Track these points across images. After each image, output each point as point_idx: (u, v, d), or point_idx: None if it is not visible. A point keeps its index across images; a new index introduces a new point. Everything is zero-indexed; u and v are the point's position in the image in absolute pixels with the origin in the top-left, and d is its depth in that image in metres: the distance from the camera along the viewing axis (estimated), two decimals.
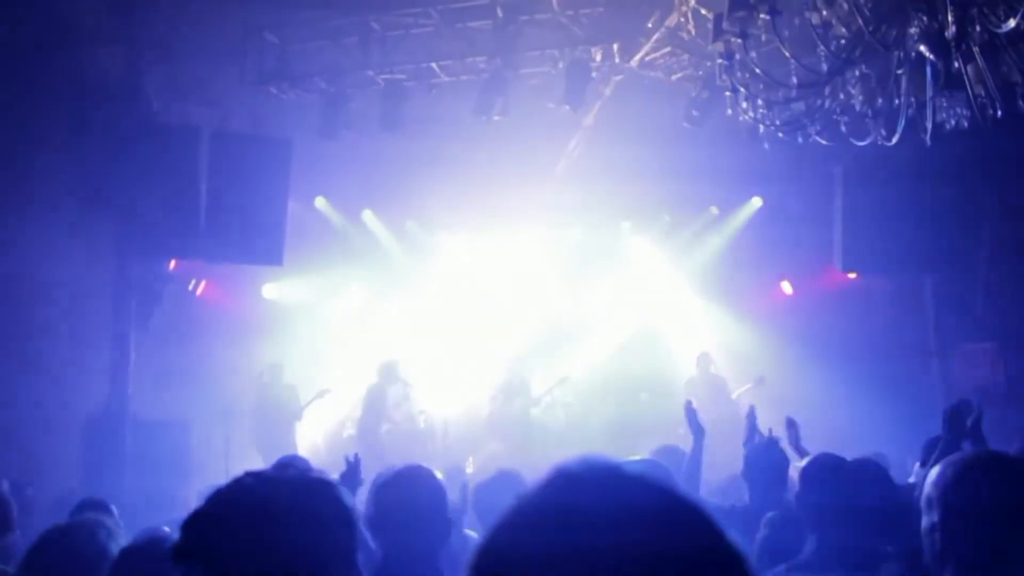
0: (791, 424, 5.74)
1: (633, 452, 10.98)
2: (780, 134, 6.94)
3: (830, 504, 3.43)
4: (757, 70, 6.15)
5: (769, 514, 4.10)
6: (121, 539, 3.14)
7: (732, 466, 5.85)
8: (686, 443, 5.96)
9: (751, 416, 5.49)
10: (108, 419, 9.95)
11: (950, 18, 4.80)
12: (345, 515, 1.83)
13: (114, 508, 4.74)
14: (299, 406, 11.94)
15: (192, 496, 7.19)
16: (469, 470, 11.26)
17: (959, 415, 4.43)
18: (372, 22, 9.99)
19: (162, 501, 8.36)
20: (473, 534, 4.38)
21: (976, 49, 5.18)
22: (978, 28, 4.95)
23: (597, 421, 12.56)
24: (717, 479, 6.64)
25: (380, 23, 10.01)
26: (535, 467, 3.42)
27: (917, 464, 5.94)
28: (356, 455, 4.41)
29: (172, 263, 11.28)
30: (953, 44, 4.91)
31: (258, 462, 6.09)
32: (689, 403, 5.70)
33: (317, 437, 12.28)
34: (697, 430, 5.48)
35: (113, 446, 9.83)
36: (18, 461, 7.88)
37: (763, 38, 6.48)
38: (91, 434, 9.77)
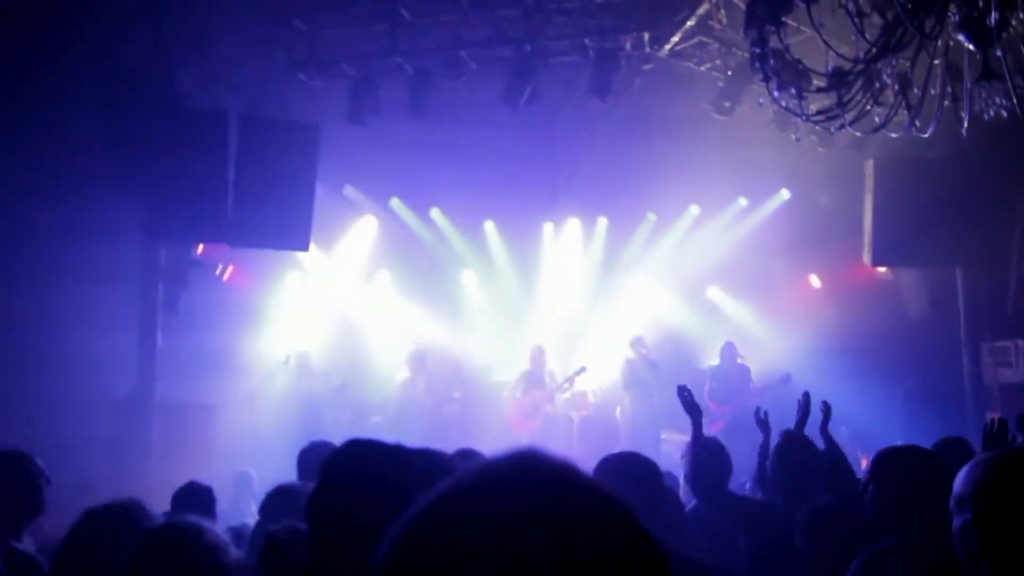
0: (825, 408, 5.66)
1: (656, 443, 11.04)
2: (813, 124, 6.86)
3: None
4: (788, 56, 6.06)
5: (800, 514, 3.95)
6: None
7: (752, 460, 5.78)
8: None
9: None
10: (135, 403, 10.02)
11: (992, 4, 4.68)
12: None
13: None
14: (328, 393, 11.93)
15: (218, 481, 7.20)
16: None
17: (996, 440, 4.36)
18: (401, 8, 9.95)
19: None
20: None
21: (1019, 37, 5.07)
22: (1022, 15, 4.83)
23: (621, 412, 12.49)
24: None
25: (409, 9, 9.96)
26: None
27: None
28: None
29: (199, 248, 11.33)
30: (995, 32, 4.79)
31: (286, 447, 6.10)
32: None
33: (341, 422, 12.27)
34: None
35: (140, 430, 9.90)
36: (45, 444, 7.92)
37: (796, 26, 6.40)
38: (118, 417, 9.84)
